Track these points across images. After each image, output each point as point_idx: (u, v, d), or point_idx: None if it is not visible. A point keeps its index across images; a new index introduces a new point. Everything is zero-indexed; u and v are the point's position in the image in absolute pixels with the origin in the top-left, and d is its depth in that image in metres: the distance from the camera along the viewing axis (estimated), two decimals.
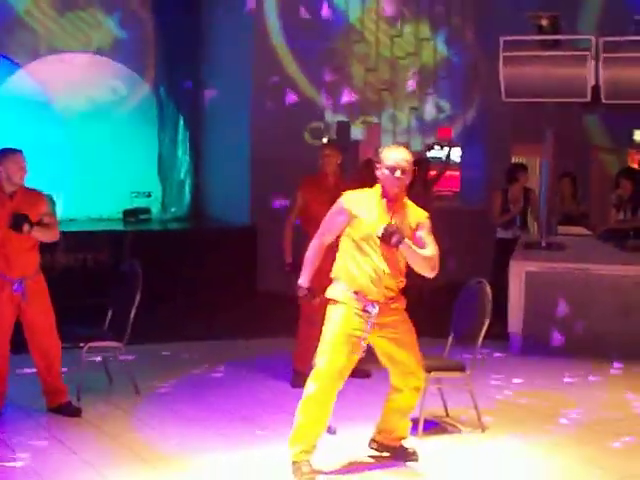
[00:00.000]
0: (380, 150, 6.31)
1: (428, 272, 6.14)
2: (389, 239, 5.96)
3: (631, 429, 7.38)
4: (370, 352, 6.26)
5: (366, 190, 6.29)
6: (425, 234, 6.19)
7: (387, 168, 6.11)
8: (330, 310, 6.17)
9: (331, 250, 6.31)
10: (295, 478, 6.04)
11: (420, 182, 12.78)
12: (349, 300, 6.10)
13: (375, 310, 6.09)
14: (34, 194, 7.35)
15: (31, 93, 13.40)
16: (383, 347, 6.23)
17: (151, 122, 14.35)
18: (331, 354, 6.06)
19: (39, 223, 7.17)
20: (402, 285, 6.24)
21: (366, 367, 7.70)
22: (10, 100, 13.23)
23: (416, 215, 6.24)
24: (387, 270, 6.09)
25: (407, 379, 6.29)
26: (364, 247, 6.09)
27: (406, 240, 6.01)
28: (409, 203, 6.28)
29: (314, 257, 6.29)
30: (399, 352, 6.23)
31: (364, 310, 6.08)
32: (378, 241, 6.03)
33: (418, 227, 6.19)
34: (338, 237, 6.25)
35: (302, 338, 8.25)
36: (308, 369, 7.70)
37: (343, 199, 6.23)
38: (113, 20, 13.84)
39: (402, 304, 6.27)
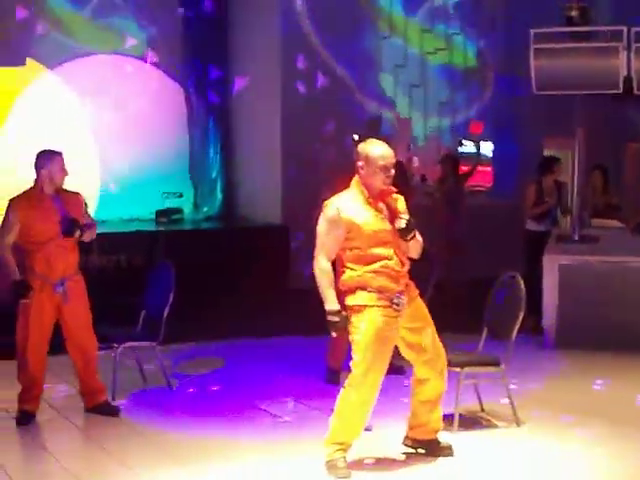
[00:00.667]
0: (362, 147, 6.20)
1: (417, 255, 6.20)
2: (408, 233, 6.02)
3: None
4: (396, 346, 6.25)
5: (346, 194, 6.20)
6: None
7: (380, 167, 6.07)
8: (357, 318, 6.09)
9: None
10: (330, 475, 6.03)
11: (452, 178, 12.75)
12: (374, 301, 6.06)
13: (403, 300, 6.07)
14: (72, 195, 7.43)
15: (60, 95, 13.47)
16: (404, 337, 6.20)
17: (181, 121, 14.39)
18: (368, 361, 6.03)
19: (85, 225, 7.26)
20: (408, 268, 6.20)
21: (399, 363, 7.68)
22: (40, 102, 13.31)
23: (400, 202, 6.25)
24: (398, 259, 6.08)
25: (432, 365, 6.26)
26: (371, 247, 6.05)
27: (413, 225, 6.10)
28: (389, 190, 6.23)
29: (330, 280, 6.11)
30: (421, 339, 6.21)
31: (392, 304, 6.05)
32: (384, 235, 6.02)
33: (404, 213, 6.22)
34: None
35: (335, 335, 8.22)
36: (341, 366, 7.74)
37: (334, 209, 6.10)
38: (140, 19, 13.87)
39: (415, 290, 6.25)
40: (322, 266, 6.11)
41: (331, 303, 6.06)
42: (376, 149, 6.13)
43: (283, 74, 13.43)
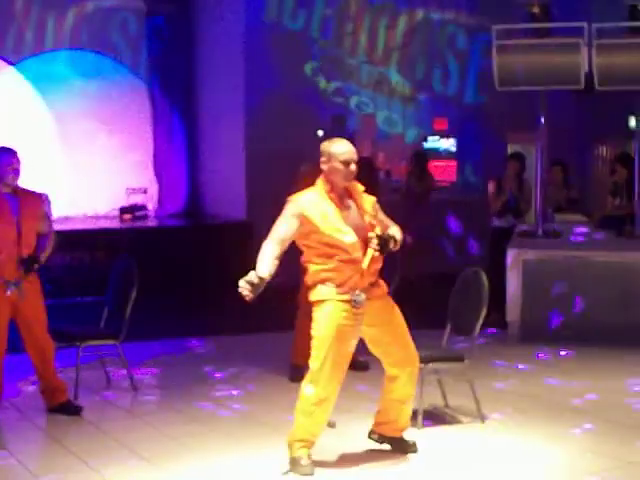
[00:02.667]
0: (325, 145, 6.18)
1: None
2: (386, 249, 6.02)
3: (635, 417, 7.37)
4: (363, 343, 6.25)
5: (310, 191, 6.18)
6: (383, 215, 6.31)
7: (341, 162, 6.07)
8: (316, 311, 6.09)
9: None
10: (294, 472, 6.03)
11: (420, 174, 12.88)
12: (333, 295, 6.04)
13: (362, 297, 6.04)
14: (32, 195, 7.32)
15: (22, 91, 13.37)
16: (374, 336, 6.20)
17: (145, 118, 14.34)
18: (326, 355, 6.02)
19: (40, 255, 7.18)
20: (379, 267, 6.20)
21: (363, 359, 7.69)
22: (1, 98, 13.20)
23: (368, 199, 6.26)
24: (361, 255, 6.06)
25: (403, 365, 6.26)
26: (333, 242, 6.02)
27: (390, 233, 6.10)
28: (355, 188, 6.23)
29: (269, 253, 6.02)
30: (392, 339, 6.20)
31: (351, 300, 6.05)
32: (346, 231, 6.01)
33: (375, 210, 6.23)
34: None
35: (299, 332, 8.22)
36: (305, 362, 7.72)
37: (296, 205, 6.09)
38: (105, 17, 13.80)
39: (384, 289, 6.24)
40: (263, 247, 6.04)
41: (260, 270, 5.98)
42: (337, 146, 6.15)
43: (247, 71, 13.41)
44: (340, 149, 6.13)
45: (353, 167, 6.12)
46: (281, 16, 13.56)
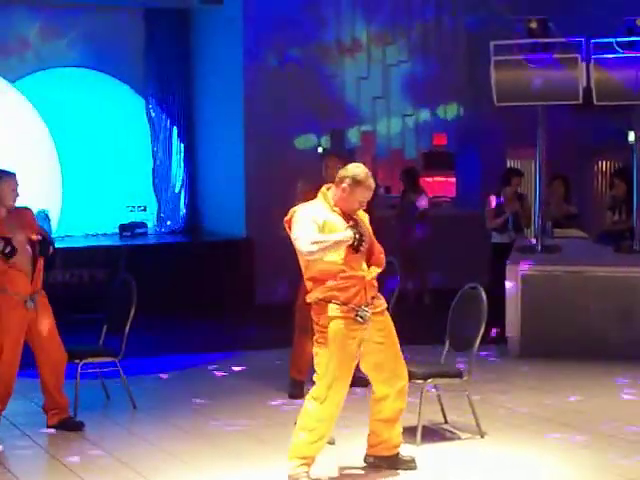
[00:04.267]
0: (351, 171, 6.12)
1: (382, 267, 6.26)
2: (360, 246, 5.98)
3: (635, 432, 7.36)
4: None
5: (313, 202, 6.19)
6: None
7: (361, 200, 6.09)
8: (320, 329, 6.07)
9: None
10: None
11: (411, 190, 13.01)
12: (339, 313, 6.03)
13: (368, 313, 6.05)
14: (22, 210, 7.39)
15: (22, 109, 13.39)
16: (369, 351, 6.16)
17: (144, 135, 14.36)
18: (332, 374, 6.02)
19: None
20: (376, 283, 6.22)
21: (364, 376, 7.67)
22: (1, 117, 13.22)
23: (365, 216, 6.29)
24: (365, 271, 6.08)
25: (391, 384, 6.24)
26: (338, 257, 6.02)
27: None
28: None
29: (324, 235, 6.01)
30: (385, 356, 6.19)
31: (357, 316, 6.04)
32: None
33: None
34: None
35: (297, 347, 8.22)
36: (304, 378, 7.73)
37: (306, 210, 6.10)
38: (103, 33, 13.83)
39: (383, 304, 6.25)
40: (313, 239, 5.92)
41: (344, 235, 5.96)
42: (365, 180, 6.09)
43: (246, 87, 13.44)
44: (367, 185, 6.09)
45: (369, 196, 6.14)
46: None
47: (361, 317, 6.04)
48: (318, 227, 5.99)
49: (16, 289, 7.19)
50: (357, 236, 5.97)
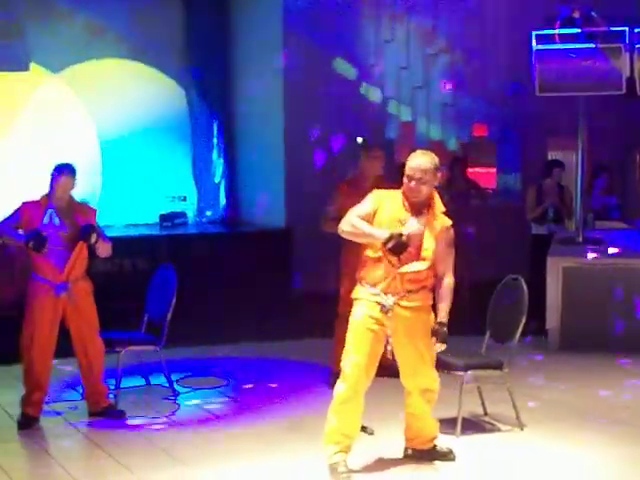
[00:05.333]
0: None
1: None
2: (395, 252, 5.98)
3: None
4: None
5: (394, 191, 6.26)
6: (449, 251, 6.20)
7: (406, 176, 6.12)
8: (352, 311, 6.21)
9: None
10: (331, 478, 6.03)
11: (460, 180, 12.76)
12: (367, 295, 6.10)
13: (389, 301, 6.05)
14: (85, 207, 7.60)
15: (63, 100, 13.49)
16: (395, 345, 6.16)
17: (184, 125, 14.39)
18: (354, 353, 6.09)
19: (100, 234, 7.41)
20: (427, 282, 6.17)
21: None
22: (44, 107, 13.33)
23: (442, 221, 6.22)
24: (400, 264, 6.06)
25: (415, 382, 6.24)
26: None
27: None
28: (436, 205, 6.22)
29: (362, 222, 6.09)
30: (409, 353, 6.18)
31: (379, 304, 6.05)
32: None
33: (443, 235, 6.16)
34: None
35: (339, 339, 8.20)
36: None
37: (378, 195, 6.23)
38: (144, 24, 13.87)
39: (425, 301, 6.20)
40: (352, 221, 6.08)
41: (379, 233, 5.99)
42: (411, 157, 6.21)
43: (286, 76, 13.43)
44: (408, 163, 6.17)
45: (413, 184, 6.10)
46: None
47: (383, 306, 6.05)
48: (373, 209, 6.08)
49: (45, 276, 7.28)
50: (394, 242, 5.95)
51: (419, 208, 6.15)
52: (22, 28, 12.93)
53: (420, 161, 6.15)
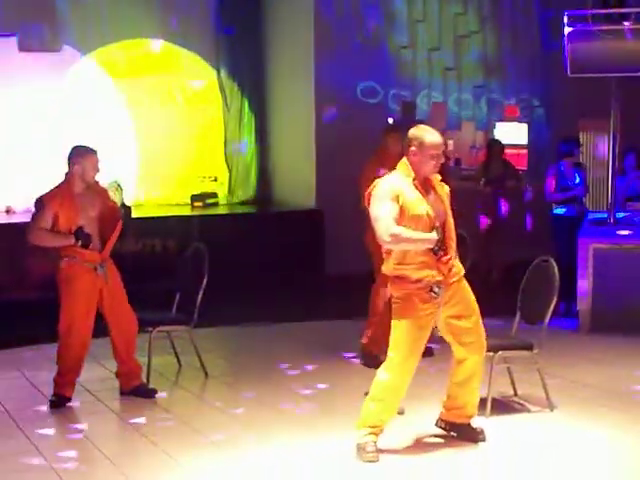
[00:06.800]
0: (416, 132, 6.15)
1: None
2: (440, 250, 6.03)
3: None
4: None
5: (395, 175, 6.19)
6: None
7: (431, 155, 6.07)
8: (396, 303, 6.13)
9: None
10: (359, 458, 6.07)
11: (497, 162, 12.70)
12: (412, 289, 6.07)
13: (440, 291, 6.08)
14: (99, 187, 7.48)
15: (96, 80, 13.56)
16: (446, 321, 6.20)
17: (216, 106, 14.44)
18: (406, 348, 6.08)
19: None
20: (456, 256, 6.21)
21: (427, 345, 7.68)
22: (76, 86, 13.41)
23: (444, 188, 6.28)
24: (442, 244, 6.08)
25: (471, 348, 6.27)
26: (416, 230, 6.04)
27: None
28: (434, 176, 6.25)
29: (410, 231, 6.03)
30: (462, 322, 6.22)
31: (431, 292, 6.06)
32: (428, 219, 6.02)
33: (449, 200, 6.24)
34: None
35: (378, 320, 8.19)
36: (379, 351, 7.72)
37: (387, 185, 6.10)
38: (175, 4, 13.91)
39: (460, 270, 6.25)
40: (393, 232, 5.95)
41: (427, 237, 5.98)
42: (431, 136, 6.11)
43: (317, 57, 13.43)
44: (433, 141, 6.09)
45: (441, 160, 6.12)
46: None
47: (435, 293, 6.07)
48: (397, 206, 5.97)
49: (84, 258, 7.29)
50: (440, 243, 6.00)
51: (424, 183, 6.15)
52: (54, 9, 13.03)
53: (441, 137, 6.17)
